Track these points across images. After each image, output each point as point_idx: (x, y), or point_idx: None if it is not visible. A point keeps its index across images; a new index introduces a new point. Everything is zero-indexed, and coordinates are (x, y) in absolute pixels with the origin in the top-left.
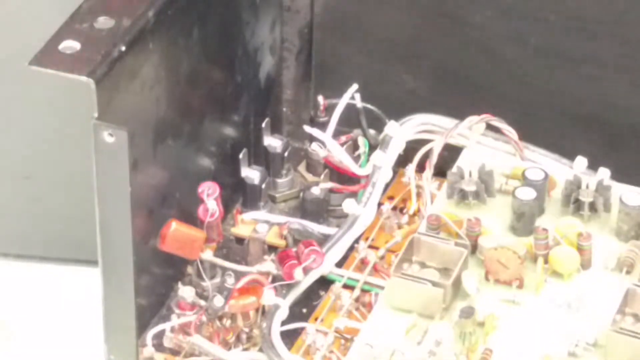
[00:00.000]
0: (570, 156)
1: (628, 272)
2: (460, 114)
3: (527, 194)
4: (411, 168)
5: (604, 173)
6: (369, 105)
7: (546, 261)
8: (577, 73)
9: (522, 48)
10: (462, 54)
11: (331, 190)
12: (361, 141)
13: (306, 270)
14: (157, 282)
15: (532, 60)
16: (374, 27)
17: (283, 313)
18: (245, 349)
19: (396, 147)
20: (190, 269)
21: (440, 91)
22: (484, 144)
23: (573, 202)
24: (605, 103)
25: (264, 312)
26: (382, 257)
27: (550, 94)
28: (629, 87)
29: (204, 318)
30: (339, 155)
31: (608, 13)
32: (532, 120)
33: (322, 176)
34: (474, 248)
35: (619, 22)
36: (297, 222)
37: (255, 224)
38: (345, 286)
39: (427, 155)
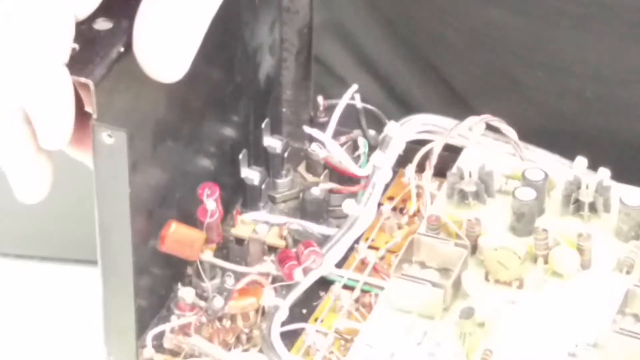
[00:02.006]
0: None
1: (628, 273)
2: (462, 115)
3: (527, 194)
4: (411, 168)
5: (604, 173)
6: (368, 106)
7: (546, 261)
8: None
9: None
10: (463, 58)
11: (331, 191)
12: (361, 141)
13: (306, 271)
14: (156, 283)
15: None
16: (375, 27)
17: (283, 314)
18: (245, 350)
19: (396, 148)
20: (190, 270)
21: (441, 91)
22: (484, 144)
23: (573, 203)
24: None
25: (264, 313)
26: (382, 258)
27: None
28: None
29: (203, 319)
30: (339, 155)
31: None
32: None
33: (322, 177)
34: (474, 248)
35: None
36: (296, 223)
37: (255, 224)
38: (345, 287)
39: (427, 156)
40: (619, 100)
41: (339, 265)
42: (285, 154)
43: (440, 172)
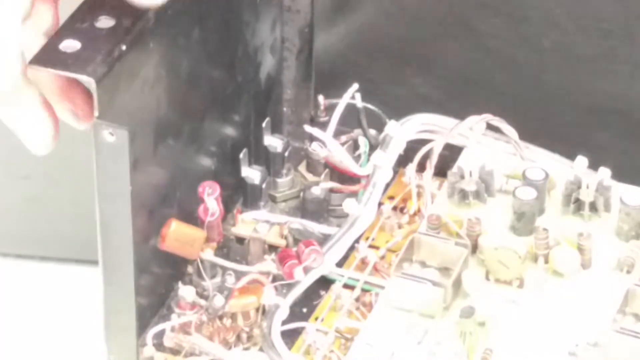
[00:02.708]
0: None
1: (628, 272)
2: (462, 114)
3: (528, 193)
4: (411, 168)
5: (604, 173)
6: (369, 105)
7: (546, 261)
8: (591, 70)
9: (533, 49)
10: (463, 53)
11: (331, 190)
12: (361, 141)
13: (306, 270)
14: (157, 281)
15: (542, 60)
16: (375, 26)
17: (283, 312)
18: (246, 349)
19: (396, 147)
20: (190, 269)
21: (442, 91)
22: (485, 144)
23: (573, 202)
24: (622, 99)
25: (265, 312)
26: (382, 257)
27: (562, 90)
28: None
29: (204, 317)
30: (340, 155)
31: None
32: (541, 117)
33: (323, 176)
34: (475, 248)
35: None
36: (297, 222)
37: (256, 223)
38: (346, 286)
39: (427, 155)
40: (577, 51)
41: (340, 264)
42: (286, 153)
43: (441, 171)
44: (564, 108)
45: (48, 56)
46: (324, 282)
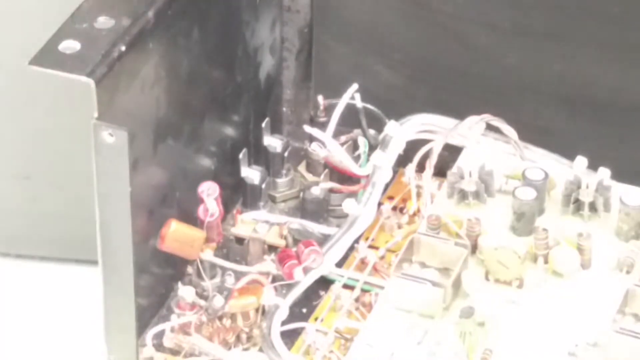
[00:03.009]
0: (553, 135)
1: (628, 272)
2: (459, 113)
3: (527, 193)
4: (411, 168)
5: (604, 173)
6: (369, 105)
7: (546, 261)
8: (556, 53)
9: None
10: (459, 51)
11: (331, 190)
12: (361, 141)
13: (306, 270)
14: (157, 282)
15: (510, 44)
16: (374, 27)
17: (283, 313)
18: (245, 349)
19: (396, 147)
20: (190, 269)
21: (440, 91)
22: (484, 144)
23: (573, 202)
24: (587, 82)
25: (264, 312)
26: (382, 257)
27: (530, 75)
28: (611, 65)
29: (203, 318)
30: (339, 155)
31: None
32: (518, 104)
33: (322, 176)
34: (474, 248)
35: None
36: (297, 222)
37: (255, 224)
38: (345, 286)
39: (427, 155)
40: (536, 32)
41: (339, 264)
42: (286, 154)
43: (441, 171)
44: (526, 87)
45: (48, 57)
46: (324, 283)
